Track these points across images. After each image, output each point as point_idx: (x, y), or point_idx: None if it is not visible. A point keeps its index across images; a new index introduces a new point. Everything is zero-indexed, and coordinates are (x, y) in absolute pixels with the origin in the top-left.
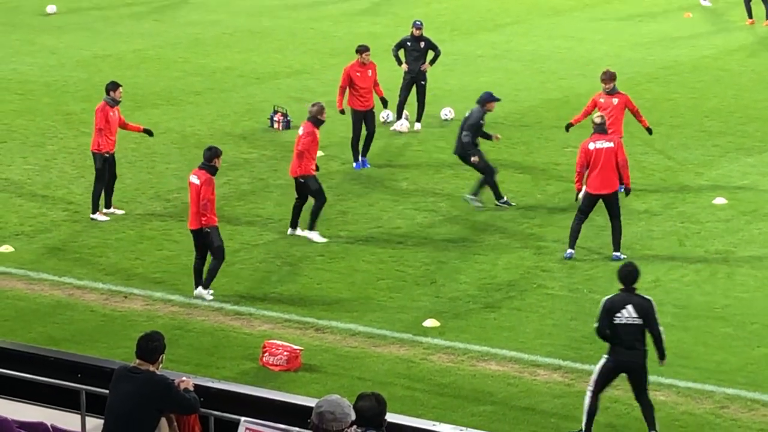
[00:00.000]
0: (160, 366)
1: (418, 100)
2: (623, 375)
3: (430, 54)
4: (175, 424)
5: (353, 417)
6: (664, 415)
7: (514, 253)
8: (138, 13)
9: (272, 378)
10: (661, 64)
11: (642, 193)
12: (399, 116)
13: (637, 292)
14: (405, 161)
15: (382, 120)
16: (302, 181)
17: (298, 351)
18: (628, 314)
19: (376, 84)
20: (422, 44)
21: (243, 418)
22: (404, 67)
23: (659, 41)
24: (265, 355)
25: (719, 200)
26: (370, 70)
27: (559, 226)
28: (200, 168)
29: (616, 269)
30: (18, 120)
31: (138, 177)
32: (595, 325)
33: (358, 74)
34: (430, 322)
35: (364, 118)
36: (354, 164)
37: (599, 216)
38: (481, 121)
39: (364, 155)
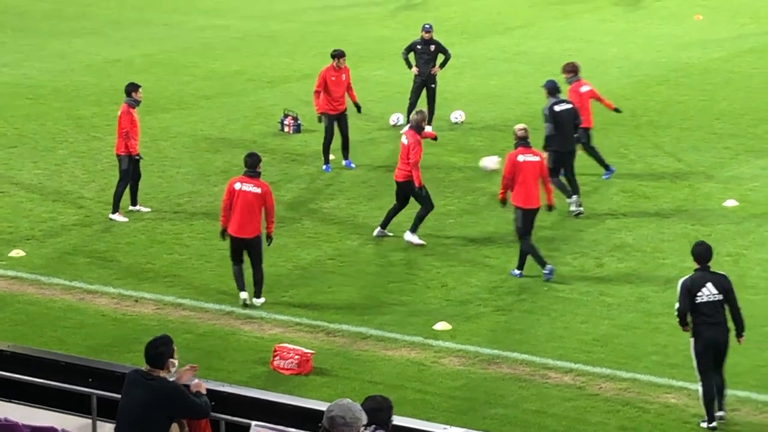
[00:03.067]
0: (173, 369)
1: (428, 104)
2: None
3: (441, 57)
4: (187, 429)
5: (364, 421)
6: (675, 418)
7: None
8: (147, 18)
9: (283, 382)
10: (672, 66)
11: (652, 196)
12: (409, 120)
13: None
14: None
15: (392, 123)
16: (418, 190)
17: (308, 354)
18: (708, 292)
19: (349, 88)
20: (432, 47)
21: (254, 422)
22: (414, 70)
23: (669, 43)
24: (276, 358)
25: (730, 202)
26: (344, 75)
27: (569, 229)
28: (251, 176)
29: (626, 271)
30: (29, 125)
31: (149, 181)
32: (676, 306)
33: (333, 78)
34: (441, 325)
35: (337, 121)
36: (324, 167)
37: (610, 219)
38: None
39: (346, 157)
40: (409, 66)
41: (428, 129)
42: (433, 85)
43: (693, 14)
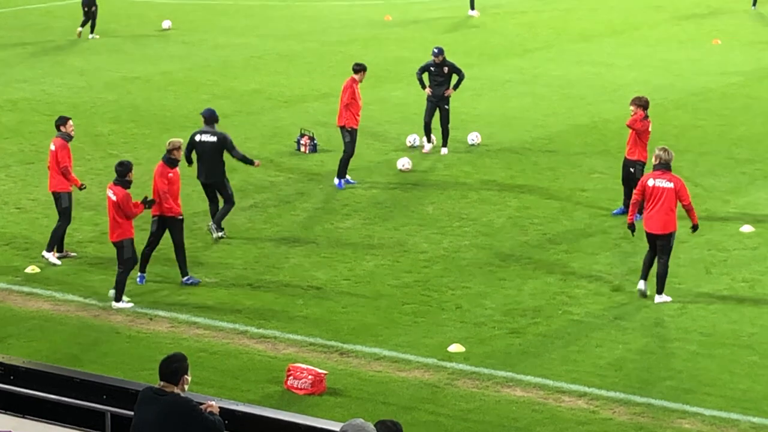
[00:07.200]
0: (185, 387)
1: (441, 125)
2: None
3: (455, 78)
4: None
5: None
6: None
7: (539, 278)
8: (167, 36)
9: (296, 401)
10: (690, 90)
11: None
12: (428, 139)
13: None
14: (431, 185)
15: (408, 144)
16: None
17: (322, 375)
18: None
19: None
20: (445, 69)
21: None
22: (428, 91)
23: (688, 68)
24: (290, 378)
25: (746, 228)
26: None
27: (585, 252)
28: (115, 183)
29: (641, 294)
30: (46, 141)
31: None
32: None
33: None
34: (455, 347)
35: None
36: (339, 184)
37: (625, 243)
38: None
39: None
40: (423, 86)
41: (444, 150)
42: (446, 107)
43: (711, 39)
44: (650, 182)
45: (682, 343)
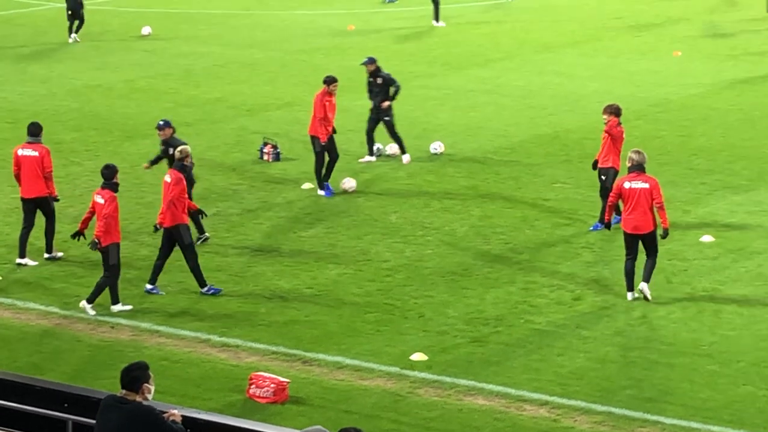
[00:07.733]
0: (149, 396)
1: (390, 136)
2: None
3: (393, 89)
4: None
5: None
6: None
7: (502, 288)
8: (129, 44)
9: (259, 410)
10: (651, 101)
11: None
12: (369, 149)
13: None
14: (394, 194)
15: (376, 153)
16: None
17: (284, 383)
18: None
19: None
20: (379, 80)
21: None
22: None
23: (648, 78)
24: (252, 387)
25: (706, 238)
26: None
27: (547, 261)
28: (103, 188)
29: (603, 304)
30: (7, 149)
31: (126, 207)
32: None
33: (327, 104)
34: (418, 356)
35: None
36: (326, 192)
37: (587, 252)
38: None
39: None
40: (370, 98)
41: (406, 158)
42: (386, 118)
43: (672, 50)
44: (626, 185)
45: (642, 352)
